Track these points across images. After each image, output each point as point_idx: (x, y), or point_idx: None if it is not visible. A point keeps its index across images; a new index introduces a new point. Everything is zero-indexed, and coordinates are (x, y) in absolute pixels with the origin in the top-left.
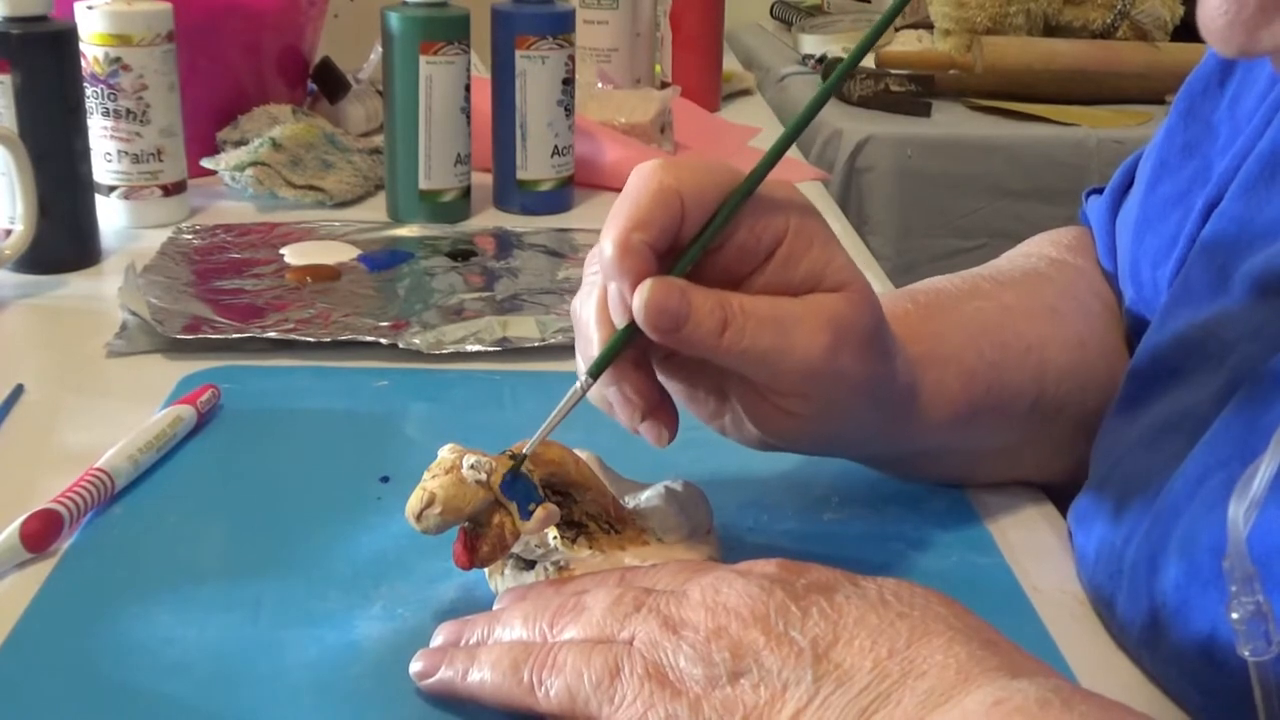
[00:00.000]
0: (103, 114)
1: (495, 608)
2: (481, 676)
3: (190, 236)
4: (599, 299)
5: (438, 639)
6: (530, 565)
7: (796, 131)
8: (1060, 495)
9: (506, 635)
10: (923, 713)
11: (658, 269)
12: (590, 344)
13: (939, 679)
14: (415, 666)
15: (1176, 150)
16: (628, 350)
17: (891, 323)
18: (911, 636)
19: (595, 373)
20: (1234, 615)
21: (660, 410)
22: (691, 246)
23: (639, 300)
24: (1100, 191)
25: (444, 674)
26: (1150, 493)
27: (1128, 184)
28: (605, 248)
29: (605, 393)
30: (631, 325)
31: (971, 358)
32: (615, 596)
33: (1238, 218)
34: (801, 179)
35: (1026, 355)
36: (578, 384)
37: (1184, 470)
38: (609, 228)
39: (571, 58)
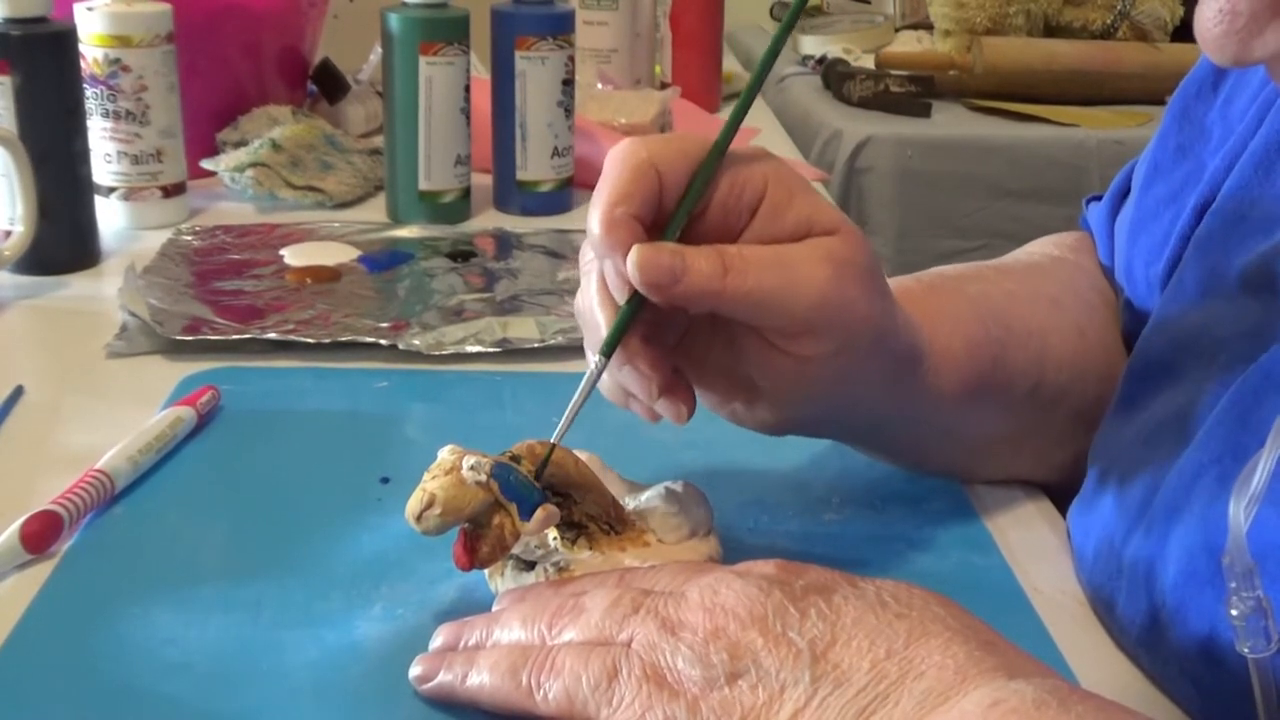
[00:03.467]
0: (102, 115)
1: (494, 609)
2: (480, 680)
3: (190, 238)
4: (598, 280)
5: (436, 641)
6: (530, 566)
7: (757, 85)
8: (1060, 496)
9: (505, 637)
10: (921, 713)
11: (646, 240)
12: (597, 328)
13: (937, 679)
14: (414, 671)
15: (1170, 152)
16: (636, 328)
17: (896, 297)
18: (910, 637)
19: (607, 351)
20: (1233, 612)
21: (676, 385)
22: (676, 212)
23: (632, 264)
24: (1099, 199)
25: (443, 678)
26: (1147, 492)
27: (1126, 189)
28: (593, 227)
29: (619, 377)
30: (635, 298)
31: (977, 329)
32: (613, 598)
33: (1230, 216)
34: None
35: (1028, 339)
36: (591, 365)
37: (1178, 468)
38: (593, 209)
39: (571, 58)
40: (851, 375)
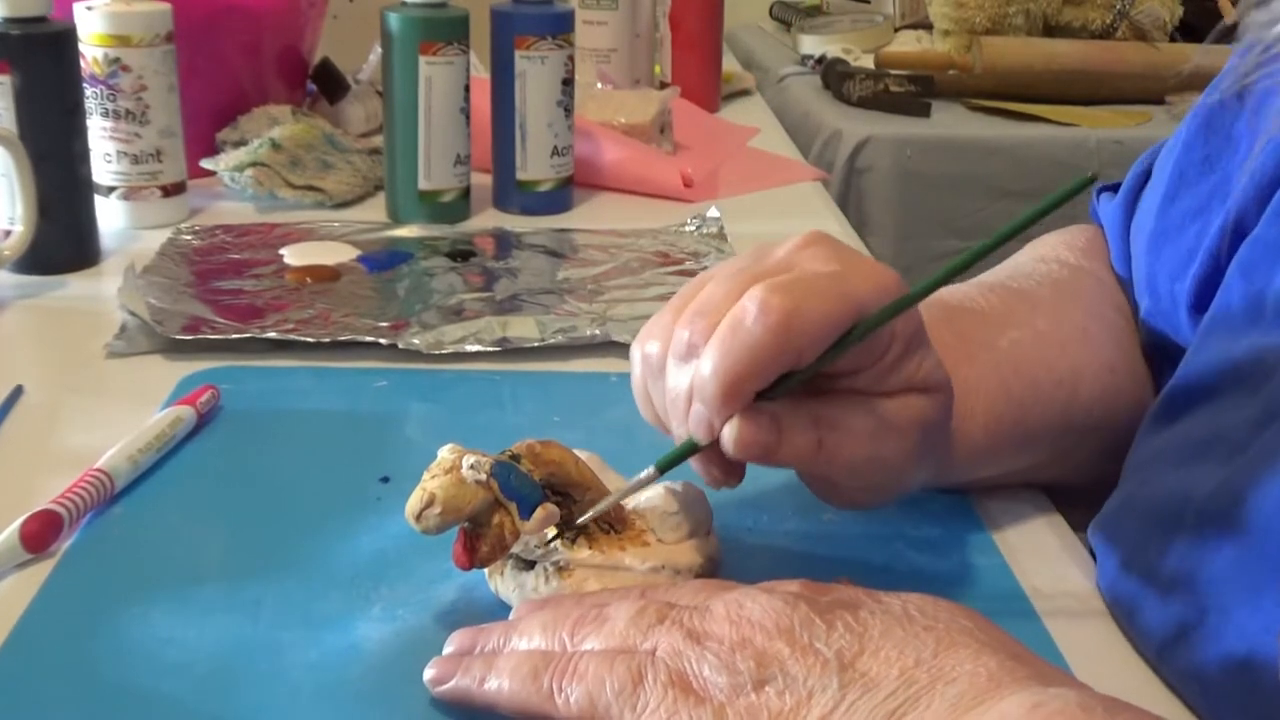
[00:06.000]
0: (102, 115)
1: (512, 618)
2: (499, 684)
3: (190, 237)
4: (686, 393)
5: (450, 647)
6: (530, 565)
7: (950, 276)
8: (1060, 495)
9: (524, 645)
10: (955, 714)
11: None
12: (674, 424)
13: (970, 685)
14: (429, 673)
15: (1196, 163)
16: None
17: None
18: (938, 648)
19: (664, 468)
20: None
21: (735, 472)
22: (795, 377)
23: (730, 439)
24: (1111, 189)
25: (459, 681)
26: (1181, 507)
27: (1141, 185)
28: (709, 380)
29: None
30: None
31: (1000, 403)
32: (638, 608)
33: (1272, 242)
34: (801, 179)
35: (1057, 390)
36: (644, 474)
37: (1221, 488)
38: (716, 356)
39: (571, 58)
40: (899, 491)
